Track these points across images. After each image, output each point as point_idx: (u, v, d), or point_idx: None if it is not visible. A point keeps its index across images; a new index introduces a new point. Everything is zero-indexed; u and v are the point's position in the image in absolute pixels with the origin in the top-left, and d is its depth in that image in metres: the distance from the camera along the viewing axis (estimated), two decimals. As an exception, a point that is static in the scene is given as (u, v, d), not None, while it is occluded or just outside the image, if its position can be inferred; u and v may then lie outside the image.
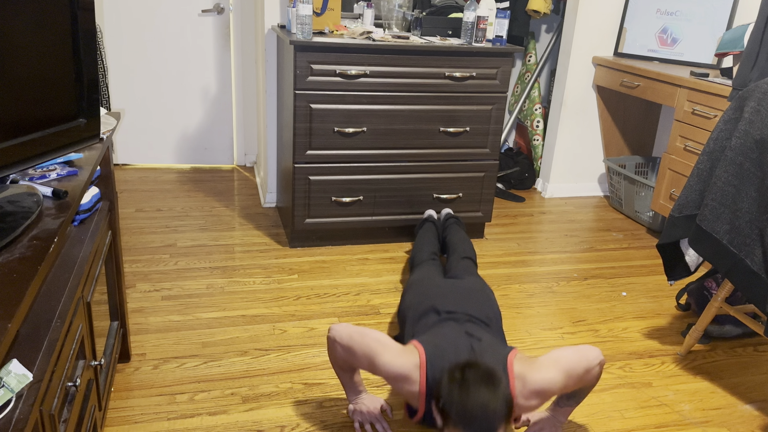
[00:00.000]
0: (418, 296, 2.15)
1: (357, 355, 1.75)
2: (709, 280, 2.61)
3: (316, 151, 2.92)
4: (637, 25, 3.74)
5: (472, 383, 1.48)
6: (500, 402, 1.47)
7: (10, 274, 1.01)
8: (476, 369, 1.51)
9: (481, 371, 1.51)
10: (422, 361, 1.69)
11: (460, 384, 1.49)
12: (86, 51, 1.36)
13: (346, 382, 1.93)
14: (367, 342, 1.74)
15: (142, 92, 4.04)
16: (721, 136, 2.09)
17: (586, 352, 1.74)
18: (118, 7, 3.82)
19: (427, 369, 1.68)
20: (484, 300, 2.11)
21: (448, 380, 1.51)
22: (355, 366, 1.81)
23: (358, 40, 2.85)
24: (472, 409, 1.45)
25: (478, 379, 1.48)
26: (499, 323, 2.07)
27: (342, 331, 1.79)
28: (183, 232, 3.23)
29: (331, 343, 1.82)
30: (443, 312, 1.99)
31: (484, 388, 1.47)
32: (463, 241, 2.75)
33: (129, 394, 2.01)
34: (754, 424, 2.06)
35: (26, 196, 1.30)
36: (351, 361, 1.79)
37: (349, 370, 1.89)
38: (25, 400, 1.06)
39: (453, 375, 1.52)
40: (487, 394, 1.46)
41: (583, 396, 1.85)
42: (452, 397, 1.48)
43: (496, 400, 1.46)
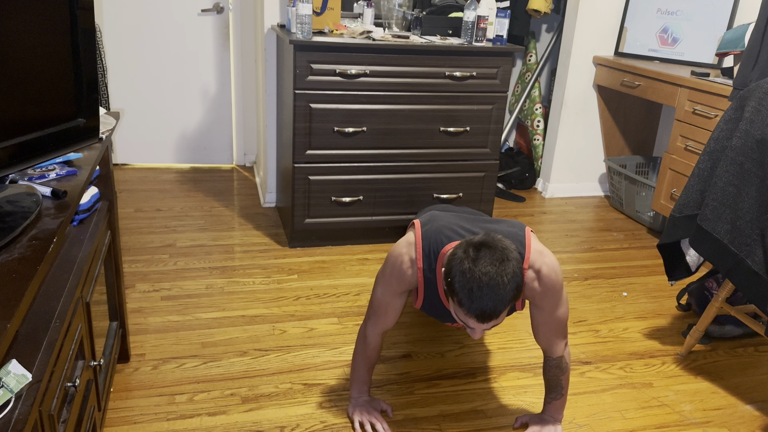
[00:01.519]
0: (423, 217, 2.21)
1: (374, 297, 1.79)
2: (709, 280, 2.61)
3: (315, 150, 2.92)
4: (638, 24, 3.74)
5: (482, 262, 1.43)
6: (509, 286, 1.44)
7: (9, 274, 1.00)
8: (490, 248, 1.46)
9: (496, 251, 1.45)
10: (417, 235, 1.68)
11: (471, 261, 1.44)
12: (85, 50, 1.35)
13: (359, 376, 1.94)
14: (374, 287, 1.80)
15: (141, 92, 4.04)
16: (722, 135, 2.09)
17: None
18: (117, 7, 3.81)
19: (423, 241, 1.65)
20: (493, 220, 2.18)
21: (461, 256, 1.46)
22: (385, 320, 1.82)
23: (358, 40, 2.84)
24: (477, 291, 1.42)
25: (490, 260, 1.44)
26: None
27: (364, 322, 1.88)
28: (182, 232, 3.22)
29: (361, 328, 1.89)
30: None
31: (494, 269, 1.43)
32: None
33: (128, 394, 2.01)
34: (754, 425, 2.06)
35: (25, 195, 1.29)
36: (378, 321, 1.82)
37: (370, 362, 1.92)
38: (24, 400, 1.06)
39: (467, 251, 1.46)
40: (497, 277, 1.42)
41: (560, 385, 1.86)
42: (462, 275, 1.45)
43: (504, 283, 1.43)
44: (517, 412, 2.04)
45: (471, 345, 2.39)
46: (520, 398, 2.11)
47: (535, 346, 2.41)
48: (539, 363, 2.30)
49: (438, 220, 1.71)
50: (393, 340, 2.39)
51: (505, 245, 1.48)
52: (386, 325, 1.85)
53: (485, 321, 1.46)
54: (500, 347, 2.39)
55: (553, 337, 1.79)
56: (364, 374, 1.94)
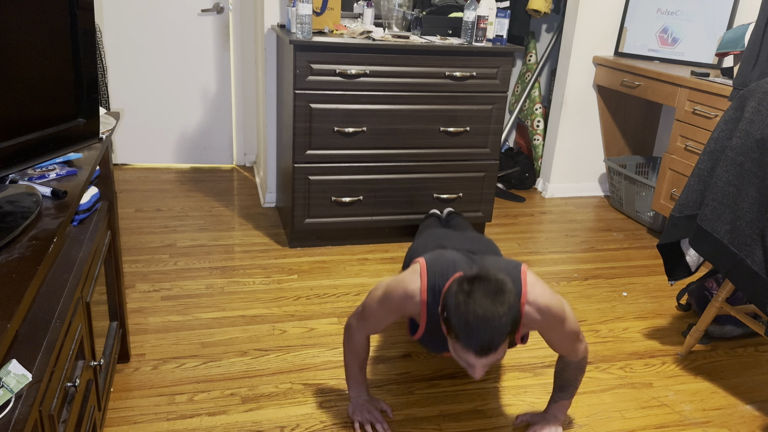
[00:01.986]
0: (424, 240, 2.20)
1: (368, 311, 1.78)
2: (709, 280, 2.61)
3: (315, 150, 2.92)
4: (638, 24, 3.74)
5: (478, 296, 1.43)
6: (505, 318, 1.43)
7: (9, 274, 1.00)
8: (485, 281, 1.46)
9: (491, 283, 1.45)
10: (423, 269, 1.67)
11: (466, 295, 1.44)
12: (85, 51, 1.35)
13: (353, 375, 1.93)
14: (372, 294, 1.79)
15: (141, 92, 4.04)
16: (722, 135, 2.09)
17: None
18: (117, 6, 3.82)
19: (428, 276, 1.65)
20: (490, 247, 2.16)
21: (455, 291, 1.47)
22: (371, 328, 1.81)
23: (358, 40, 2.84)
24: (474, 324, 1.42)
25: (486, 292, 1.44)
26: None
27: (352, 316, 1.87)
28: (182, 232, 3.22)
29: (346, 327, 1.87)
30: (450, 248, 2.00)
31: (490, 302, 1.42)
32: (467, 225, 2.77)
33: (128, 394, 2.01)
34: (754, 425, 2.06)
35: (25, 196, 1.29)
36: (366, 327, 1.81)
37: (360, 359, 1.90)
38: (24, 400, 1.06)
39: (461, 286, 1.46)
40: (493, 309, 1.42)
41: (574, 385, 1.86)
42: (457, 309, 1.44)
43: (501, 315, 1.42)
44: (517, 412, 2.05)
45: (471, 345, 2.39)
46: (520, 398, 2.11)
47: (536, 346, 2.41)
48: (539, 363, 2.30)
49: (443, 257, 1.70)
50: (393, 340, 2.39)
51: (499, 277, 1.48)
52: (373, 332, 1.85)
53: (483, 354, 1.45)
54: (500, 347, 2.39)
55: (571, 346, 1.78)
56: (357, 373, 1.93)
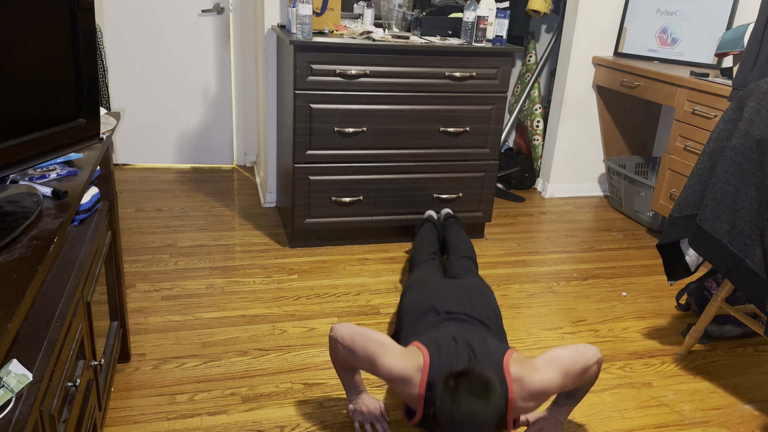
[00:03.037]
0: (417, 296, 2.15)
1: (358, 357, 1.75)
2: (709, 280, 2.61)
3: (316, 151, 2.92)
4: (637, 25, 3.74)
5: (462, 393, 1.48)
6: (490, 414, 1.48)
7: (9, 274, 1.00)
8: (470, 379, 1.51)
9: (475, 382, 1.50)
10: (426, 364, 1.68)
11: (452, 393, 1.49)
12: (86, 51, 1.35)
13: (346, 382, 1.93)
14: (368, 343, 1.73)
15: (142, 92, 4.04)
16: (721, 136, 2.09)
17: (583, 351, 1.73)
18: (118, 7, 3.82)
19: (430, 372, 1.67)
20: (484, 300, 2.11)
21: (442, 387, 1.52)
22: (356, 366, 1.81)
23: (358, 40, 2.85)
24: (459, 420, 1.46)
25: (470, 390, 1.49)
26: (498, 323, 2.07)
27: (344, 332, 1.79)
28: (183, 232, 3.23)
29: (332, 342, 1.82)
30: (442, 312, 1.99)
31: (474, 399, 1.47)
32: (463, 240, 2.75)
33: (129, 394, 2.01)
34: (754, 424, 2.06)
35: (26, 196, 1.29)
36: (352, 362, 1.79)
37: (350, 370, 1.89)
38: (24, 400, 1.06)
39: (447, 383, 1.52)
40: (477, 406, 1.47)
41: (582, 395, 1.85)
42: (443, 405, 1.49)
43: (485, 412, 1.47)
44: (516, 411, 2.05)
45: (471, 345, 2.40)
46: (519, 398, 2.11)
47: (535, 346, 2.41)
48: (539, 363, 2.30)
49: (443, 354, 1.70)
50: (393, 339, 2.39)
51: (484, 374, 1.52)
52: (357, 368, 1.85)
53: None
54: (500, 347, 2.39)
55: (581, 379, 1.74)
56: (350, 380, 1.92)
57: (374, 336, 1.75)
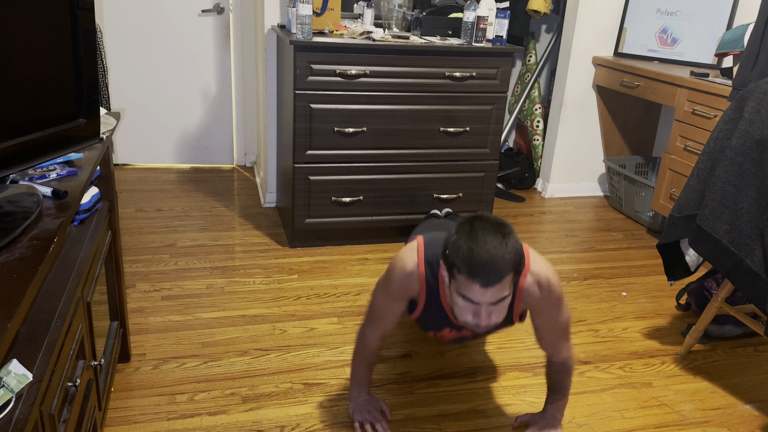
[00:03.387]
0: (422, 228, 2.22)
1: (375, 305, 1.80)
2: (709, 280, 2.61)
3: (316, 151, 2.92)
4: (637, 25, 3.74)
5: (480, 230, 1.45)
6: (509, 248, 1.44)
7: (10, 274, 1.00)
8: (486, 220, 1.48)
9: (492, 221, 1.47)
10: (419, 242, 1.70)
11: (469, 232, 1.45)
12: (86, 51, 1.35)
13: (358, 377, 1.94)
14: (373, 292, 1.81)
15: (142, 92, 4.04)
16: (721, 136, 2.09)
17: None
18: (118, 7, 3.82)
19: (425, 246, 1.66)
20: None
21: (456, 230, 1.48)
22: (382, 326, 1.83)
23: (358, 40, 2.85)
24: (478, 253, 1.42)
25: (487, 228, 1.45)
26: None
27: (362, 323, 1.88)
28: (183, 232, 3.23)
29: (359, 334, 1.89)
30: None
31: (492, 235, 1.44)
32: None
33: (129, 394, 2.01)
34: (754, 424, 2.06)
35: (26, 196, 1.29)
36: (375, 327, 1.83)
37: (369, 364, 1.92)
38: (24, 400, 1.06)
39: (462, 226, 1.48)
40: (496, 240, 1.43)
41: (564, 386, 1.86)
42: (459, 243, 1.45)
43: (504, 245, 1.43)
44: (516, 411, 2.05)
45: (471, 344, 2.40)
46: (519, 398, 2.11)
47: (535, 346, 2.41)
48: (539, 363, 2.30)
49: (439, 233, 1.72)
50: (393, 339, 2.39)
51: (500, 219, 1.50)
52: (385, 330, 1.85)
53: (489, 285, 1.43)
54: (500, 347, 2.39)
55: (557, 342, 1.79)
56: (364, 375, 1.94)
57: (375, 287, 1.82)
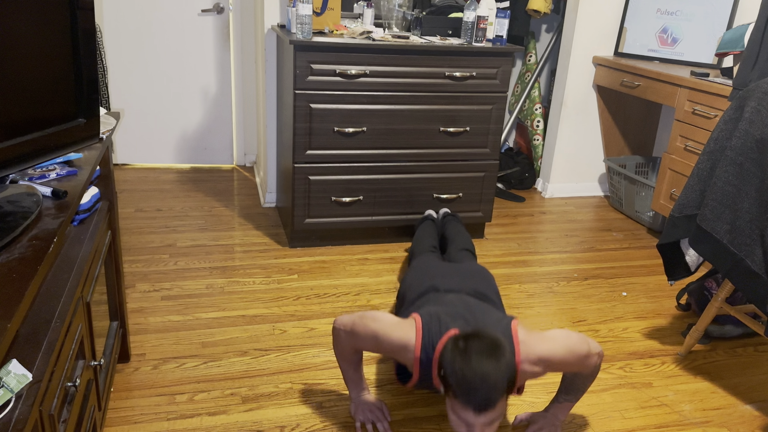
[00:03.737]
0: (418, 277, 2.18)
1: (360, 336, 1.77)
2: (709, 280, 2.61)
3: (316, 151, 2.92)
4: (638, 24, 3.74)
5: (474, 353, 1.46)
6: (502, 374, 1.45)
7: (9, 274, 1.00)
8: (480, 339, 1.49)
9: (485, 341, 1.48)
10: (418, 326, 1.70)
11: (462, 354, 1.47)
12: (86, 51, 1.35)
13: (350, 377, 1.93)
14: (366, 322, 1.76)
15: (141, 92, 4.04)
16: (722, 135, 2.09)
17: (588, 339, 1.75)
18: (118, 7, 3.82)
19: (423, 333, 1.68)
20: (485, 282, 2.14)
21: (451, 349, 1.49)
22: (360, 347, 1.82)
23: (358, 40, 2.85)
24: (472, 380, 1.44)
25: (481, 350, 1.46)
26: (499, 303, 2.09)
27: (345, 319, 1.83)
28: (183, 232, 3.22)
29: (335, 332, 1.84)
30: (443, 290, 2.02)
31: (485, 359, 1.45)
32: (461, 234, 2.77)
33: (129, 394, 2.01)
34: (754, 425, 2.06)
35: (26, 196, 1.29)
36: (355, 344, 1.80)
37: (353, 362, 1.90)
38: (24, 400, 1.06)
39: (456, 344, 1.49)
40: (489, 365, 1.44)
41: (582, 390, 1.85)
42: (454, 367, 1.47)
43: (497, 371, 1.44)
44: (517, 411, 2.05)
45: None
46: (520, 398, 2.11)
47: (535, 346, 2.41)
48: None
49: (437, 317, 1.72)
50: (393, 340, 2.39)
51: (494, 335, 1.52)
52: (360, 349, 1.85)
53: (482, 411, 1.46)
54: (500, 347, 2.39)
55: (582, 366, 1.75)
56: (353, 375, 1.93)
57: (370, 314, 1.79)
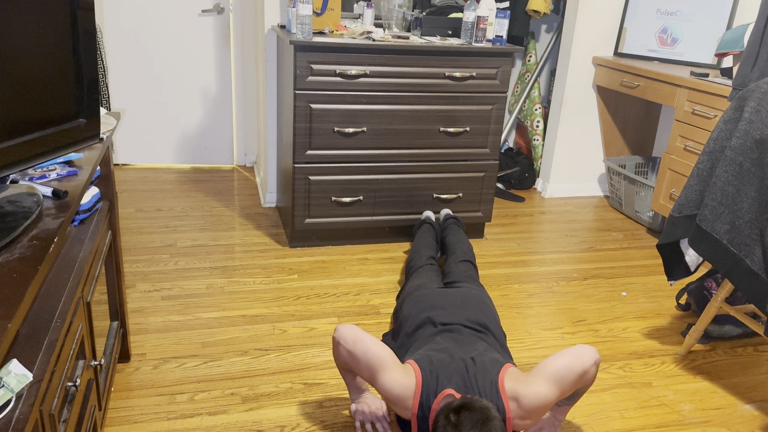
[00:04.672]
0: (414, 307, 2.19)
1: (358, 364, 1.78)
2: (709, 280, 2.61)
3: (316, 151, 2.92)
4: (637, 25, 3.74)
5: (465, 427, 1.53)
6: None
7: (10, 274, 1.01)
8: (471, 411, 1.55)
9: (476, 415, 1.55)
10: (418, 386, 1.72)
11: (454, 427, 1.54)
12: (86, 51, 1.35)
13: (349, 382, 1.94)
14: (369, 356, 1.75)
15: (142, 92, 4.04)
16: (721, 136, 2.09)
17: (580, 354, 1.72)
18: (118, 7, 3.82)
19: (421, 395, 1.72)
20: (481, 308, 2.15)
21: (443, 424, 1.57)
22: (355, 371, 1.84)
23: (358, 40, 2.85)
24: None
25: (473, 423, 1.54)
26: (497, 327, 2.11)
27: (347, 336, 1.80)
28: (183, 232, 3.23)
29: (335, 344, 1.83)
30: (439, 324, 2.04)
31: (475, 428, 1.53)
32: (462, 242, 2.76)
33: (129, 394, 2.01)
34: (754, 424, 2.06)
35: (26, 196, 1.29)
36: (352, 366, 1.81)
37: (351, 371, 1.90)
38: (25, 400, 1.06)
39: (448, 417, 1.56)
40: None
41: (580, 395, 1.86)
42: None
43: None
44: (516, 411, 2.05)
45: (471, 345, 2.40)
46: (519, 398, 2.11)
47: (535, 346, 2.41)
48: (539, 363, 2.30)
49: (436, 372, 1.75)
50: (393, 339, 2.40)
51: (484, 405, 1.58)
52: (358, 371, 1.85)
53: None
54: (500, 347, 2.39)
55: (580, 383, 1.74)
56: (352, 380, 1.94)
57: (375, 349, 1.76)
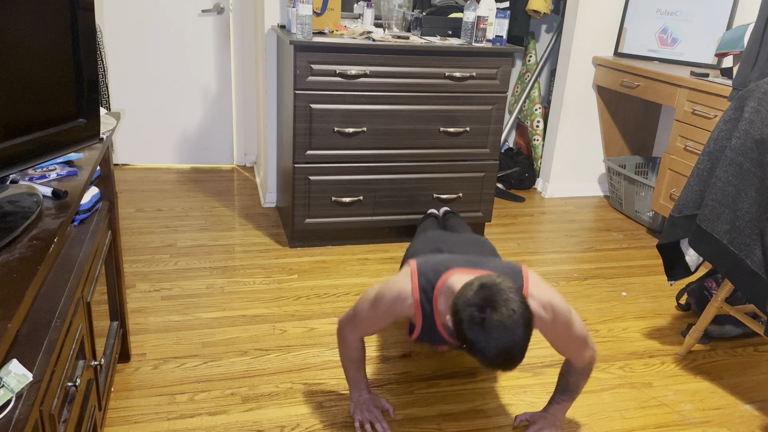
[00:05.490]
0: (421, 243, 2.21)
1: (360, 314, 1.78)
2: (709, 280, 2.61)
3: (316, 151, 2.92)
4: (637, 25, 3.74)
5: (494, 329, 1.39)
6: (523, 342, 1.41)
7: (10, 274, 1.01)
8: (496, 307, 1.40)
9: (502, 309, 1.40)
10: (413, 269, 1.69)
11: (480, 327, 1.40)
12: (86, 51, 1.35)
13: (352, 376, 1.94)
14: (362, 304, 1.79)
15: (142, 92, 4.04)
16: (721, 136, 2.09)
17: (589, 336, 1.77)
18: (118, 7, 3.82)
19: (418, 273, 1.66)
20: (487, 248, 2.17)
21: (467, 318, 1.42)
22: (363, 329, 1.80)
23: (358, 40, 2.85)
24: (496, 356, 1.40)
25: (501, 323, 1.39)
26: None
27: (345, 316, 1.86)
28: (183, 232, 3.23)
29: (339, 329, 1.86)
30: (447, 251, 2.05)
31: (507, 333, 1.39)
32: (463, 226, 2.77)
33: (129, 394, 2.01)
34: (754, 424, 2.06)
35: (26, 196, 1.29)
36: (358, 329, 1.81)
37: (357, 360, 1.90)
38: (24, 400, 1.06)
39: (473, 316, 1.41)
40: (510, 338, 1.39)
41: (577, 390, 1.86)
42: (475, 343, 1.41)
43: (520, 342, 1.41)
44: (516, 411, 2.05)
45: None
46: (519, 398, 2.11)
47: (536, 346, 2.41)
48: (539, 363, 2.31)
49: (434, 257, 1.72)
50: (393, 339, 2.39)
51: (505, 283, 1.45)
52: (365, 334, 1.84)
53: (507, 371, 1.48)
54: (500, 347, 2.39)
55: (577, 351, 1.76)
56: (356, 374, 1.93)
57: (363, 296, 1.81)
